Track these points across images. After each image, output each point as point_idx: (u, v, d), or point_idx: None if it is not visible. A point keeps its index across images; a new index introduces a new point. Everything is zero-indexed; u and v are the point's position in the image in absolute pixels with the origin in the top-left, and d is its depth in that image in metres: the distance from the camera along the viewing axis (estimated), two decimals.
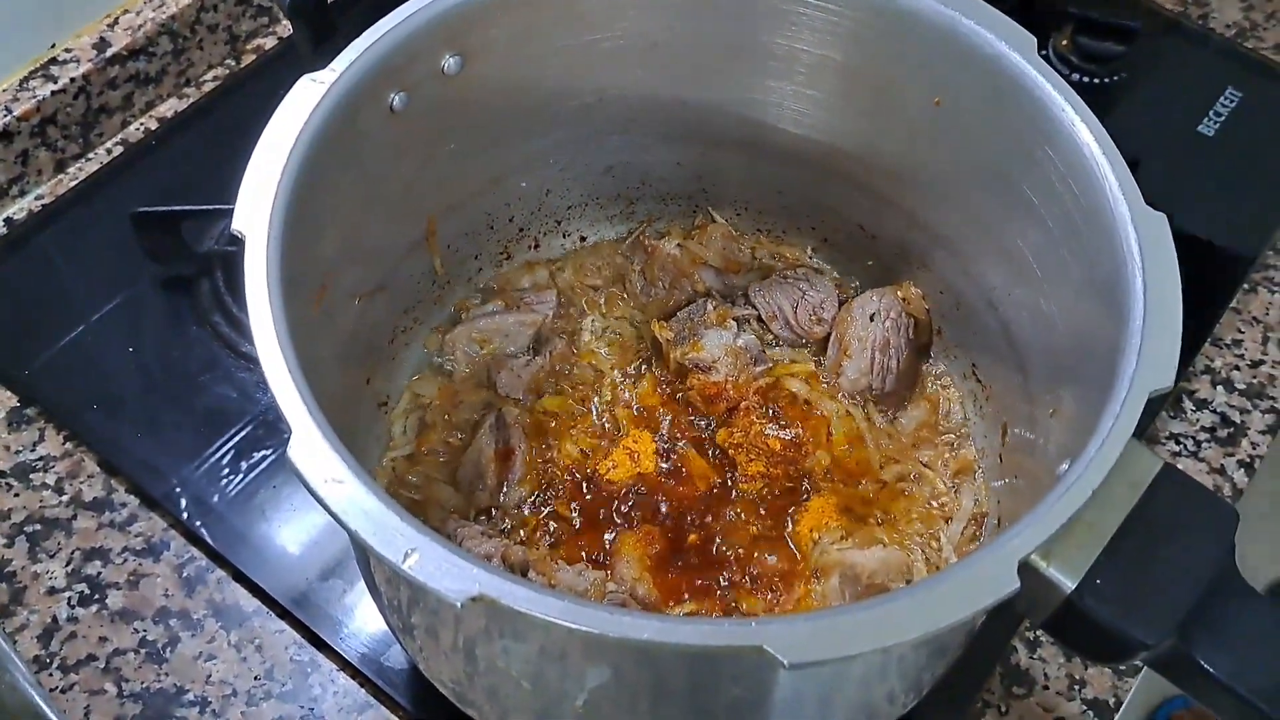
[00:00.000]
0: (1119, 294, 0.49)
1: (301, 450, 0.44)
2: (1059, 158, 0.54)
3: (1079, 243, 0.53)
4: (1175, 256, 0.48)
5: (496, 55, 0.61)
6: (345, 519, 0.42)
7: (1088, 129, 0.53)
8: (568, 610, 0.40)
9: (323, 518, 0.68)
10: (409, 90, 0.58)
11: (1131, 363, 0.45)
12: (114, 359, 0.76)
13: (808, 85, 0.65)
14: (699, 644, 0.40)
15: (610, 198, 0.74)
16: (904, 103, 0.62)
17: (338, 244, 0.57)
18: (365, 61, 0.55)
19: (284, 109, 0.53)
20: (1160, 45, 0.94)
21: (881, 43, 0.61)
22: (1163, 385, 0.44)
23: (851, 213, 0.70)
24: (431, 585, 0.40)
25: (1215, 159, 0.87)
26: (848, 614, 0.41)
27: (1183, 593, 0.40)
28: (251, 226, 0.49)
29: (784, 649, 0.39)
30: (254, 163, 0.51)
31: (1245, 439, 0.76)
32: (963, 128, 0.60)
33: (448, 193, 0.66)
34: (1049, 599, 0.42)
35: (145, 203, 0.78)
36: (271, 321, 0.47)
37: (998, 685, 0.66)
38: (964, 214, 0.64)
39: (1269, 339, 0.80)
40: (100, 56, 0.85)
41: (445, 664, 0.55)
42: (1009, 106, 0.57)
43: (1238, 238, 0.83)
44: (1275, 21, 0.98)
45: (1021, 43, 0.56)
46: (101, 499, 0.71)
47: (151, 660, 0.65)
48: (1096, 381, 0.47)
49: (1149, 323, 0.46)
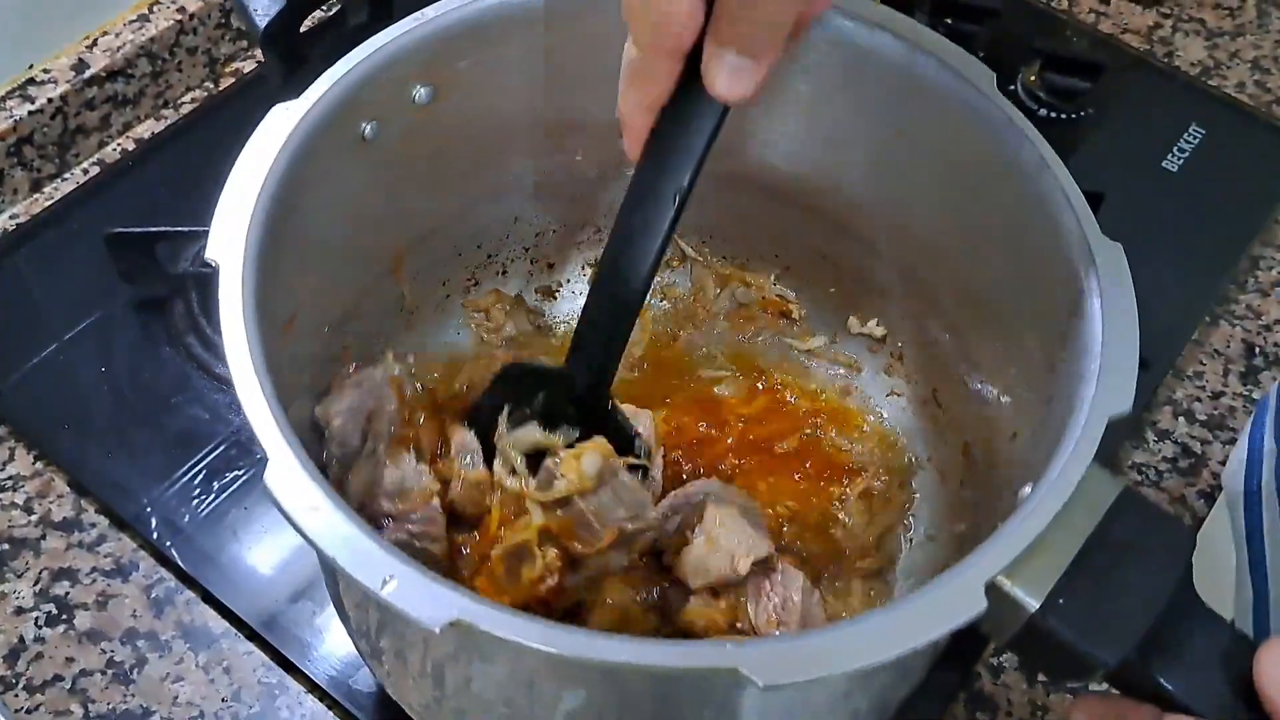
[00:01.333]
0: (1077, 321, 0.50)
1: (279, 478, 0.44)
2: (1017, 188, 0.56)
3: (1038, 272, 0.55)
4: (1131, 285, 0.50)
5: (466, 86, 0.61)
6: (323, 546, 0.42)
7: (1045, 161, 0.54)
8: (546, 634, 0.40)
9: (294, 540, 0.69)
10: (380, 120, 0.58)
11: (1091, 388, 0.46)
12: (86, 379, 0.76)
13: (772, 116, 0.66)
14: (675, 665, 0.41)
15: (578, 225, 0.75)
16: (866, 134, 0.64)
17: (309, 272, 0.57)
18: (337, 91, 0.56)
19: (256, 138, 0.53)
20: (1126, 82, 0.96)
21: (844, 76, 0.62)
22: (1121, 410, 0.46)
23: (813, 241, 0.71)
24: (410, 612, 0.41)
25: (1179, 194, 0.89)
26: (822, 636, 0.42)
27: (1142, 613, 0.41)
28: (225, 255, 0.49)
29: (759, 670, 0.39)
30: (227, 191, 0.51)
31: (1206, 469, 0.77)
32: (922, 161, 0.62)
33: (417, 221, 0.67)
34: (1013, 619, 0.42)
35: (121, 224, 0.78)
36: (247, 349, 0.47)
37: (962, 711, 0.66)
38: (924, 243, 0.65)
39: (1230, 371, 0.82)
40: (78, 77, 0.85)
41: (414, 688, 0.55)
42: (968, 139, 0.58)
43: (1200, 271, 0.85)
44: (1238, 60, 1.00)
45: (980, 76, 0.58)
46: (71, 519, 0.71)
47: (118, 681, 0.65)
48: (1056, 406, 0.48)
49: (1107, 349, 0.48)
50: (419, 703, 0.56)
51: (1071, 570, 0.42)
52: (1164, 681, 0.41)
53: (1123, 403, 0.46)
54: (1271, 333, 0.84)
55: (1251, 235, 0.88)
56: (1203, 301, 0.84)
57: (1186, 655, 0.41)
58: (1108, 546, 0.42)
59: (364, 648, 0.58)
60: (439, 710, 0.55)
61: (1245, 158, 0.92)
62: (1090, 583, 0.42)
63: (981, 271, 0.61)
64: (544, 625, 0.40)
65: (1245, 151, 0.93)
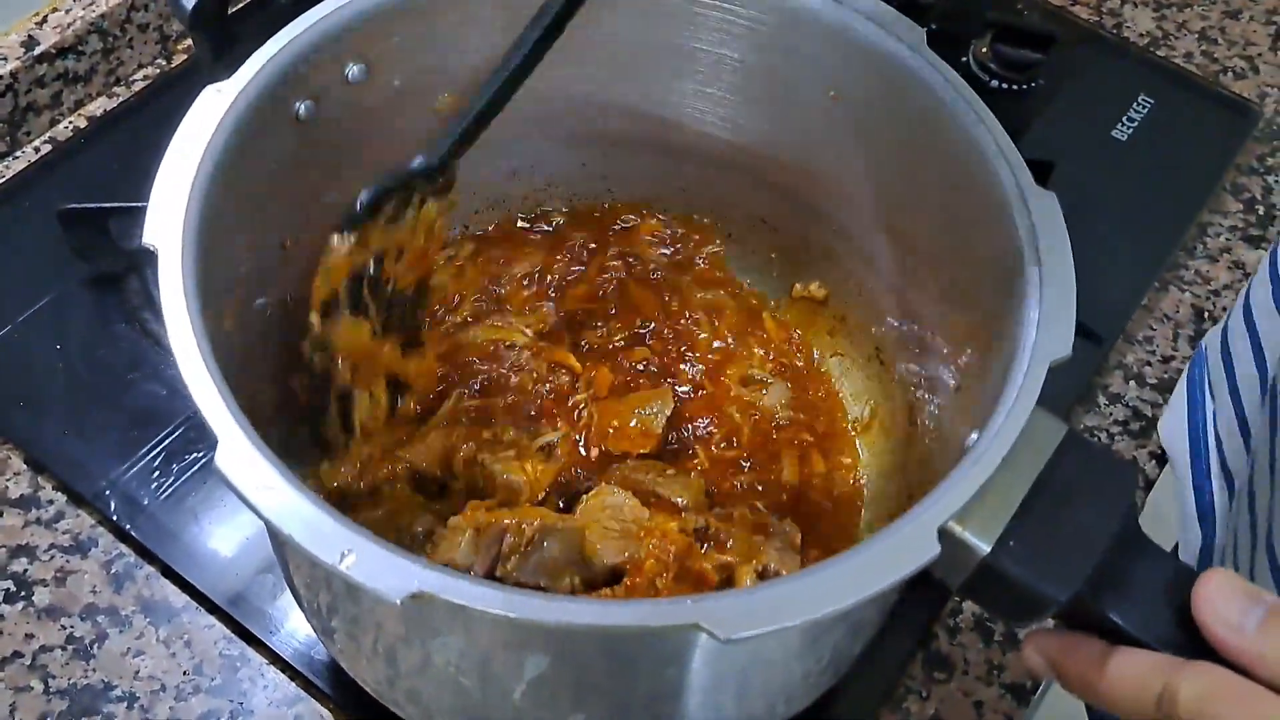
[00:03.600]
0: (1015, 271, 0.51)
1: (230, 459, 0.44)
2: (950, 143, 0.56)
3: (974, 224, 0.55)
4: (1066, 232, 0.51)
5: (399, 62, 0.61)
6: (279, 524, 0.42)
7: (979, 116, 0.55)
8: (507, 601, 0.40)
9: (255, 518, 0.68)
10: (314, 99, 0.58)
11: (1031, 335, 0.47)
12: (41, 356, 0.75)
13: (706, 83, 0.67)
14: (636, 624, 0.41)
15: (516, 201, 0.75)
16: (800, 98, 0.64)
17: (247, 254, 0.57)
18: (269, 71, 0.55)
19: (189, 120, 0.53)
20: (1076, 54, 0.97)
21: (776, 39, 0.63)
22: (1061, 354, 0.46)
23: (753, 207, 0.72)
24: (369, 585, 0.40)
25: (1128, 163, 0.90)
26: (779, 586, 0.43)
27: (1090, 550, 0.42)
28: (163, 239, 0.49)
29: (719, 625, 0.40)
30: (162, 174, 0.51)
31: (1156, 432, 0.78)
32: (857, 120, 0.62)
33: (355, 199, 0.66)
34: (966, 562, 0.43)
35: (74, 201, 0.77)
36: (191, 332, 0.47)
37: (919, 670, 0.67)
38: (862, 205, 0.66)
39: (1179, 335, 0.83)
40: (28, 54, 0.84)
41: (368, 666, 0.56)
42: (901, 98, 0.59)
43: (1149, 237, 0.86)
44: (1186, 31, 1.02)
45: (911, 36, 0.58)
46: (28, 496, 0.70)
47: (79, 656, 0.65)
48: (999, 355, 0.49)
49: (1045, 296, 0.48)
50: (373, 679, 0.57)
51: (1020, 512, 0.43)
52: (1113, 616, 0.42)
53: (1062, 348, 0.47)
54: (1219, 298, 0.85)
55: (1200, 203, 0.89)
56: (1152, 268, 0.85)
57: (1134, 589, 0.42)
58: (1054, 488, 0.43)
59: (317, 625, 0.58)
60: (393, 689, 0.55)
61: (1193, 127, 0.94)
62: (1039, 523, 0.43)
63: (919, 227, 0.62)
64: (505, 592, 0.41)
65: (1193, 121, 0.94)
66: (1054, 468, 0.44)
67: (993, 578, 0.43)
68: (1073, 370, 0.47)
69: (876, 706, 0.65)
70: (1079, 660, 0.43)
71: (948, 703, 0.66)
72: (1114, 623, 0.42)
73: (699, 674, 0.48)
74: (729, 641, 0.40)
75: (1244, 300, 0.73)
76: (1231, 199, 0.91)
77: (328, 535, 0.42)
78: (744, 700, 0.53)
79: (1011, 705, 0.66)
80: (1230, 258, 0.87)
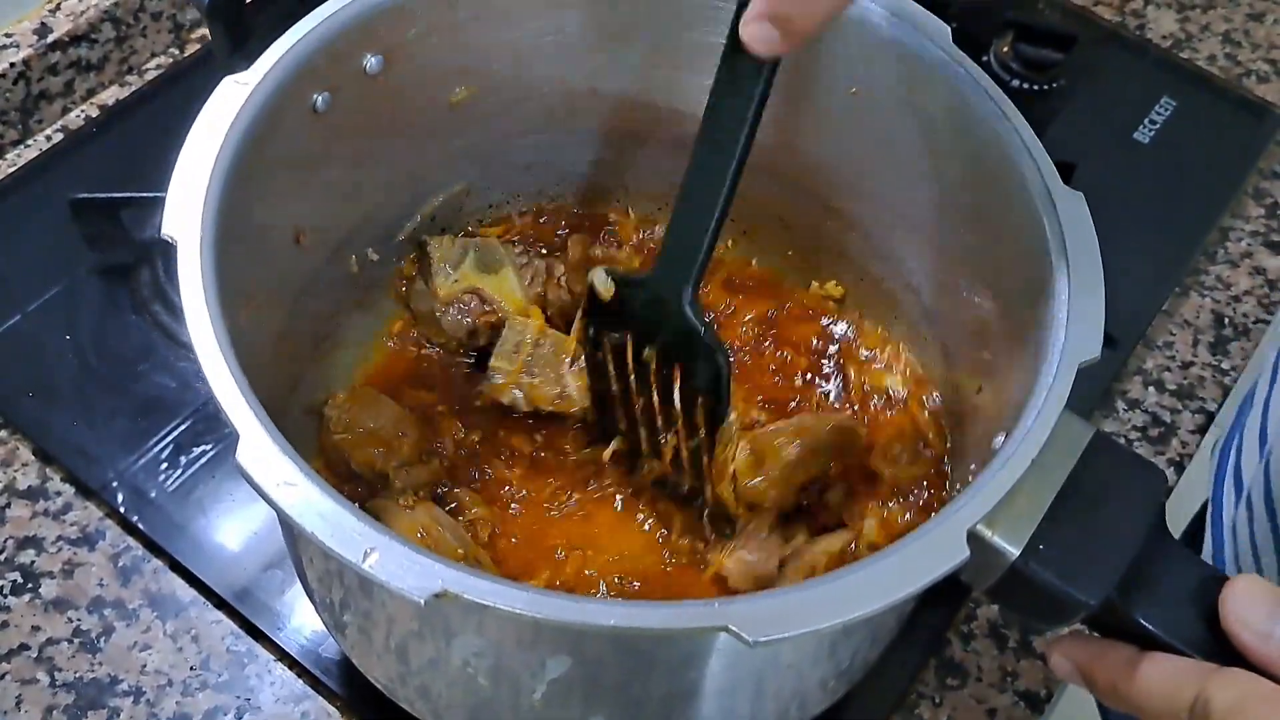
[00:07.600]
0: (1042, 271, 0.50)
1: (251, 455, 0.43)
2: (975, 141, 0.55)
3: (999, 224, 0.54)
4: (1094, 231, 0.50)
5: (416, 53, 0.61)
6: (301, 522, 0.41)
7: (1004, 113, 0.54)
8: (532, 601, 0.40)
9: (263, 511, 0.68)
10: (332, 91, 0.57)
11: (1060, 336, 0.46)
12: (51, 347, 0.75)
13: None
14: (663, 626, 0.40)
15: (530, 195, 0.74)
16: (820, 94, 0.63)
17: (264, 248, 0.56)
18: (288, 62, 0.55)
19: (208, 111, 0.52)
20: (1098, 55, 0.96)
21: None
22: (1091, 356, 0.46)
23: (769, 204, 0.71)
24: (393, 584, 0.40)
25: (1150, 166, 0.90)
26: (807, 590, 0.42)
27: (1119, 554, 0.41)
28: (183, 231, 0.48)
29: (748, 627, 0.39)
30: (180, 165, 0.50)
31: (1175, 438, 0.77)
32: (878, 117, 0.61)
33: (370, 193, 0.66)
34: (995, 566, 0.42)
35: (85, 190, 0.77)
36: (210, 327, 0.46)
37: (932, 677, 0.66)
38: (882, 203, 0.64)
39: (1199, 341, 0.82)
40: (41, 42, 0.84)
41: (379, 662, 0.55)
42: (923, 94, 0.58)
43: (1169, 241, 0.85)
44: (1209, 33, 1.01)
45: (935, 31, 0.57)
46: (36, 487, 0.69)
47: (85, 650, 0.64)
48: (1023, 356, 0.48)
49: (1074, 297, 0.48)
50: (385, 676, 0.56)
51: (1050, 515, 0.42)
52: (1143, 620, 0.41)
53: (1092, 349, 0.46)
54: (1240, 303, 0.84)
55: (1221, 207, 0.88)
56: (1173, 272, 0.84)
57: (1163, 593, 0.41)
58: (1083, 491, 0.43)
59: (329, 620, 0.57)
60: (405, 686, 0.55)
61: (1216, 130, 0.93)
62: (1068, 527, 0.42)
63: (942, 226, 0.61)
64: (529, 591, 0.40)
65: (1216, 124, 0.93)
66: (1083, 470, 0.43)
67: (1022, 582, 0.42)
68: (1092, 375, 0.46)
69: (889, 712, 0.65)
70: (1109, 666, 0.42)
71: (961, 709, 0.65)
72: (1143, 626, 0.41)
73: (717, 677, 0.48)
74: (757, 644, 0.39)
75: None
76: (1253, 204, 0.90)
77: (351, 533, 0.41)
78: (758, 704, 0.52)
79: (1025, 713, 0.65)
80: (1251, 263, 0.86)
